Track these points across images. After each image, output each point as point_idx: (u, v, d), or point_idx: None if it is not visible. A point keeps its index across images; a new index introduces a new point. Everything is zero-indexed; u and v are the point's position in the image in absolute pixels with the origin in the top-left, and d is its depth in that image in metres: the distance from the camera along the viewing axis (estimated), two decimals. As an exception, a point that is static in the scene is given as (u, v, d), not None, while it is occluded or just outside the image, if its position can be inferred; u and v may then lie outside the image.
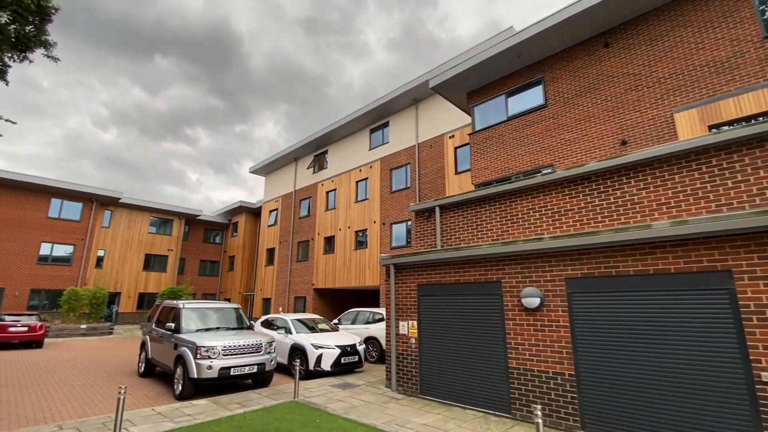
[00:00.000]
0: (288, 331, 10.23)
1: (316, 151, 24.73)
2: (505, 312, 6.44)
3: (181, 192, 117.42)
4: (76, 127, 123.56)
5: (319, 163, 24.41)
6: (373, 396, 7.35)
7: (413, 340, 7.73)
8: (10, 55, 6.88)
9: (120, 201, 25.77)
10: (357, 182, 20.98)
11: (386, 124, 20.13)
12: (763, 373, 4.13)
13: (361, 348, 10.00)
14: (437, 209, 9.21)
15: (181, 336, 7.92)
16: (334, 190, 22.46)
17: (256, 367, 7.79)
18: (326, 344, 9.41)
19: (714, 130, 8.09)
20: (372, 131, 20.93)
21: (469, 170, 15.55)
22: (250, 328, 9.23)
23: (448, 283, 7.38)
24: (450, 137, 16.60)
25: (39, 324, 14.80)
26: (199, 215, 30.33)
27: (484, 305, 6.77)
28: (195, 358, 7.26)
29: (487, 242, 8.05)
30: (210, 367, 7.20)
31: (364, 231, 19.74)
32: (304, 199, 24.97)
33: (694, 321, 4.66)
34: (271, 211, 27.96)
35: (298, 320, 10.78)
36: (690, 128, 8.50)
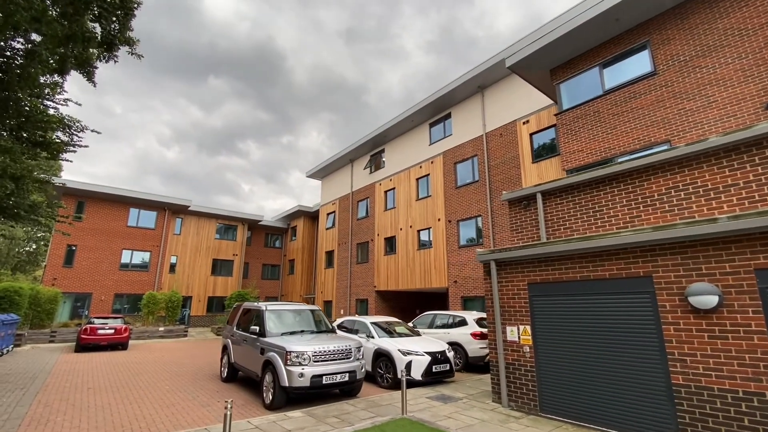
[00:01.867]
0: (369, 335, 9.51)
1: (372, 150, 24.21)
2: (661, 315, 5.15)
3: (236, 202, 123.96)
4: (144, 147, 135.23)
5: (375, 163, 23.86)
6: (485, 413, 6.34)
7: (527, 348, 6.61)
8: (96, 53, 6.80)
9: (189, 209, 26.99)
10: (417, 179, 20.08)
11: (448, 116, 19.06)
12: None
13: (450, 355, 9.02)
14: (539, 196, 8.02)
15: (268, 340, 7.44)
16: (393, 189, 21.73)
17: (347, 375, 7.10)
18: (415, 350, 8.55)
19: None
20: (432, 125, 19.96)
21: (549, 157, 14.09)
22: (333, 331, 8.61)
23: (572, 281, 6.20)
24: (524, 123, 15.19)
25: (124, 327, 15.46)
26: (260, 221, 31.09)
27: (626, 306, 5.52)
28: (285, 364, 6.70)
29: (613, 230, 6.74)
30: (302, 375, 6.60)
31: (427, 230, 18.76)
32: (361, 200, 24.53)
33: None
34: (328, 214, 27.89)
35: (377, 323, 10.04)
36: None
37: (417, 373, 8.26)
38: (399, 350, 8.51)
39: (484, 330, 10.59)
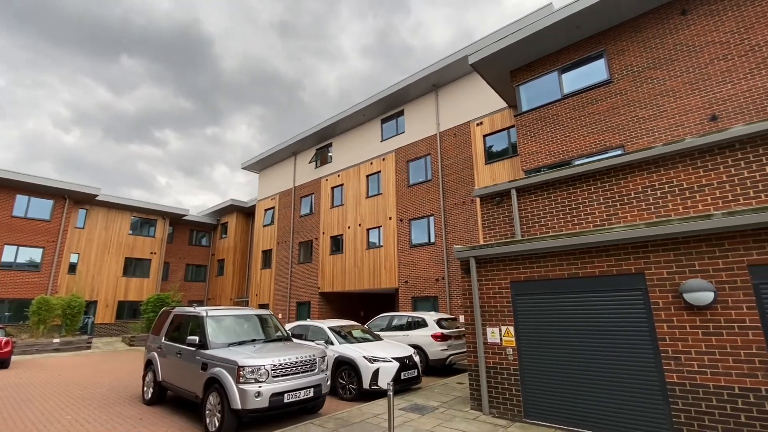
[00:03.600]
0: (328, 341, 8.52)
1: (318, 144, 22.95)
2: (654, 312, 5.06)
3: (150, 196, 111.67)
4: (35, 128, 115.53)
5: (322, 158, 22.63)
6: (469, 423, 5.80)
7: (510, 350, 6.24)
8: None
9: (97, 198, 23.04)
10: (368, 176, 19.36)
11: (400, 113, 18.67)
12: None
13: (417, 359, 8.42)
14: (514, 192, 7.79)
15: (212, 353, 6.12)
16: (341, 185, 20.75)
17: (312, 390, 6.08)
18: (382, 356, 7.78)
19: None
20: (384, 121, 19.41)
21: (501, 159, 14.33)
22: (290, 339, 7.48)
23: (558, 278, 5.95)
24: (478, 124, 15.31)
25: (5, 339, 12.34)
26: (185, 215, 27.80)
27: (617, 304, 5.37)
28: (237, 382, 5.49)
29: (589, 228, 6.68)
30: (259, 394, 5.45)
31: (377, 229, 18.13)
32: (305, 196, 23.09)
33: None
34: (266, 210, 25.87)
35: (335, 328, 9.08)
36: (801, 98, 7.45)
37: (385, 382, 7.49)
38: (364, 357, 7.68)
39: (445, 331, 10.22)
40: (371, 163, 19.27)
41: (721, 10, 8.66)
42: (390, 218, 17.51)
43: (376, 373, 7.49)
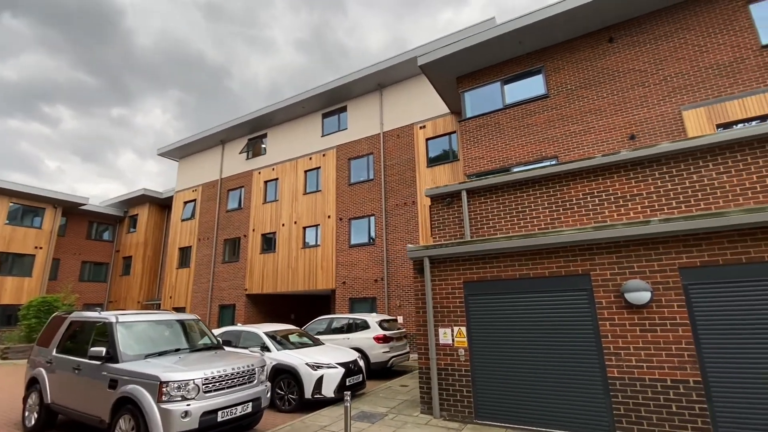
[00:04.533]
0: (264, 348, 7.72)
1: (252, 134, 21.36)
2: (598, 311, 5.35)
3: (35, 181, 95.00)
4: None
5: (255, 149, 21.09)
6: (421, 428, 5.58)
7: (462, 351, 6.18)
8: None
9: (-41, 178, 18.60)
10: (306, 172, 18.49)
11: (343, 109, 18.17)
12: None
13: (362, 364, 8.03)
14: (464, 194, 7.85)
15: (124, 367, 5.06)
16: (276, 179, 19.53)
17: (250, 404, 5.34)
18: (326, 362, 7.24)
19: (721, 129, 8.35)
20: (325, 116, 18.72)
21: (443, 163, 14.64)
22: (221, 347, 6.58)
23: (510, 279, 6.04)
24: (421, 128, 15.49)
25: None
26: (84, 204, 23.83)
27: (565, 304, 5.60)
28: (159, 401, 4.57)
29: (535, 230, 6.95)
30: (186, 414, 4.60)
31: (315, 227, 17.36)
32: (233, 189, 21.30)
33: None
34: (186, 203, 23.34)
35: (271, 333, 8.30)
36: (698, 126, 8.69)
37: (329, 390, 6.97)
38: (307, 364, 7.07)
39: (387, 332, 9.99)
40: (310, 158, 18.43)
41: (641, 42, 9.78)
42: (329, 217, 16.88)
43: (319, 380, 6.93)
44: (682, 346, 4.80)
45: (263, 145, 20.87)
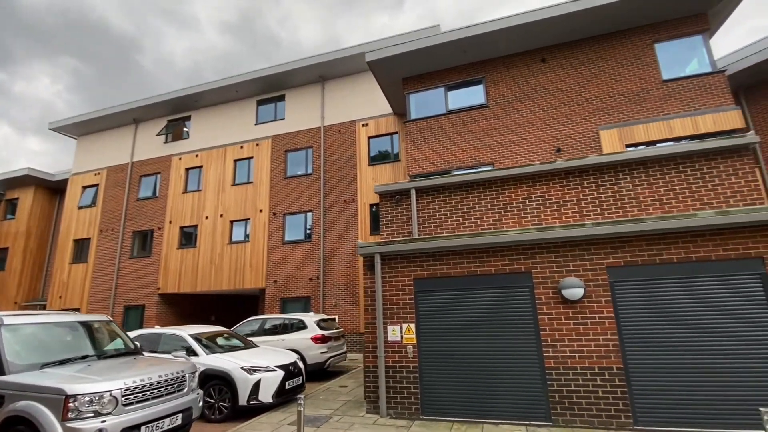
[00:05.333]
0: (191, 352, 6.89)
1: (172, 115, 19.20)
2: (538, 306, 5.74)
3: None
4: None
5: (175, 132, 18.98)
6: (370, 428, 5.43)
7: (410, 348, 6.17)
8: None
9: None
10: (236, 161, 17.15)
11: (281, 98, 17.25)
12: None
13: (302, 365, 7.61)
14: (413, 192, 7.92)
15: (14, 380, 4.08)
16: (200, 167, 17.79)
17: (180, 416, 4.67)
18: (263, 365, 6.69)
19: (631, 148, 9.65)
20: (261, 103, 17.59)
21: (384, 163, 14.70)
22: (139, 352, 5.69)
23: (459, 276, 6.20)
24: (363, 125, 15.37)
25: None
26: (-61, 182, 19.14)
27: (508, 300, 5.91)
28: (65, 418, 3.76)
29: (469, 232, 7.26)
30: (101, 433, 3.84)
31: (244, 221, 16.18)
32: (147, 175, 18.92)
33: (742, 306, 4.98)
34: (86, 188, 20.12)
35: (197, 336, 7.45)
36: (612, 144, 9.94)
37: (268, 395, 6.45)
38: (242, 368, 6.46)
39: (326, 332, 9.65)
40: (242, 147, 17.15)
41: (568, 65, 10.87)
42: (261, 211, 15.86)
43: (256, 385, 6.38)
44: (607, 337, 5.36)
45: (186, 129, 18.89)
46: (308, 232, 15.11)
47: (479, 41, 11.05)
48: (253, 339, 9.31)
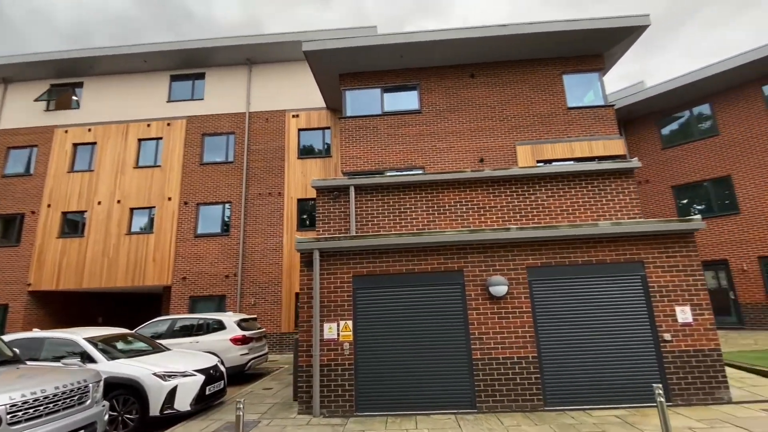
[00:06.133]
0: (87, 358, 5.87)
1: (58, 79, 16.11)
2: (468, 302, 6.19)
3: None
4: None
5: (62, 99, 15.95)
6: (304, 429, 5.25)
7: (347, 345, 6.14)
8: None
9: None
10: (141, 140, 15.09)
11: (200, 76, 15.68)
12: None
13: (224, 369, 7.03)
14: (352, 189, 7.90)
15: None
16: (93, 143, 15.24)
17: (82, 433, 3.96)
18: (180, 370, 6.00)
19: (540, 164, 10.98)
20: (176, 78, 15.75)
21: (315, 157, 14.36)
22: (20, 360, 4.67)
23: (398, 274, 6.37)
24: (294, 116, 14.79)
25: None
26: None
27: (443, 297, 6.26)
28: None
29: (409, 231, 7.55)
30: (-27, 464, 3.07)
31: (148, 209, 14.32)
32: (18, 148, 15.55)
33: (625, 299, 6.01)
34: None
35: (94, 340, 6.38)
36: (526, 159, 11.18)
37: (185, 402, 5.80)
38: (155, 374, 5.71)
39: (247, 333, 9.06)
40: (149, 125, 15.15)
41: (493, 84, 11.91)
42: (169, 199, 14.20)
43: (172, 392, 5.70)
44: (525, 329, 6.01)
45: (75, 98, 16.03)
46: (226, 224, 14.00)
47: (416, 49, 11.48)
48: (162, 342, 8.30)
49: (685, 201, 13.65)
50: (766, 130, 12.13)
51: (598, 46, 11.46)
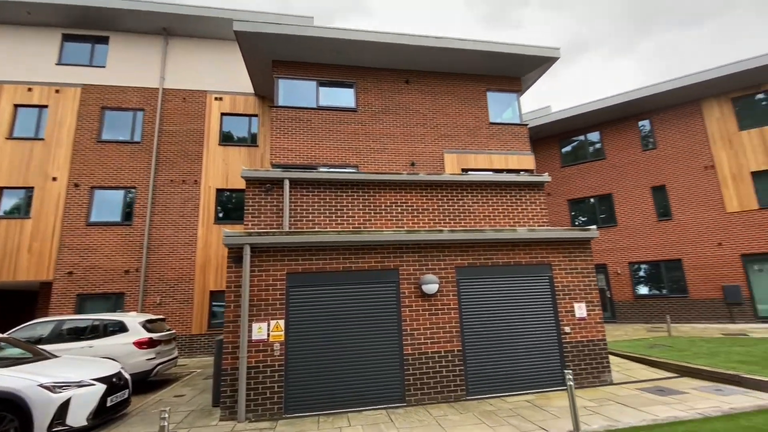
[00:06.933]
0: (-62, 371, 4.67)
1: None
2: (402, 300, 6.40)
3: None
4: None
5: None
6: (230, 437, 4.90)
7: (277, 346, 5.88)
8: None
9: None
10: (18, 106, 12.46)
11: (103, 40, 13.53)
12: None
13: (128, 376, 6.18)
14: (287, 183, 7.58)
15: None
16: (-56, 103, 12.14)
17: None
18: (74, 380, 5.12)
19: (465, 172, 11.82)
20: (69, 38, 13.35)
21: (239, 145, 13.44)
22: None
23: (335, 271, 6.31)
24: (217, 99, 13.62)
25: None
26: None
27: (378, 295, 6.38)
28: None
29: (349, 229, 7.54)
30: None
31: (24, 189, 11.90)
32: None
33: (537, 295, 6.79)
34: None
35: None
36: (452, 166, 11.94)
37: (81, 417, 4.96)
38: (42, 386, 4.79)
39: (154, 335, 8.10)
40: (30, 90, 12.59)
41: (426, 92, 12.46)
42: (55, 179, 11.99)
43: (64, 406, 4.82)
44: (452, 324, 6.43)
45: None
46: (128, 213, 12.31)
47: (353, 47, 11.45)
48: (45, 348, 6.99)
49: (575, 213, 15.91)
50: (639, 158, 14.78)
51: (517, 70, 12.75)
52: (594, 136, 15.82)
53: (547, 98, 56.46)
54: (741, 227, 12.69)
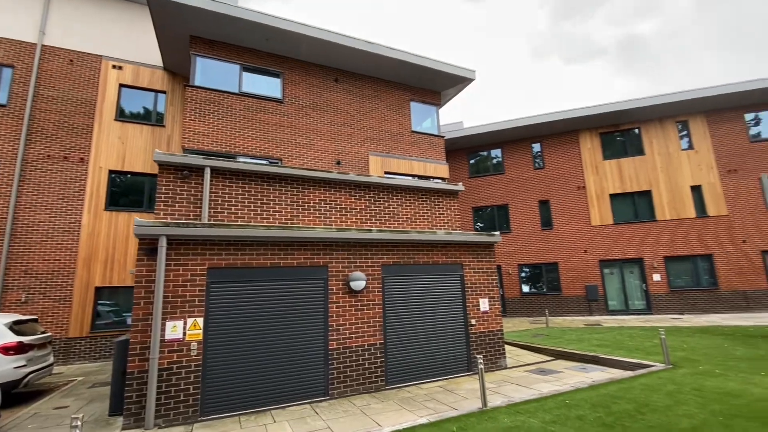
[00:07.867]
0: None
1: None
2: (330, 296, 6.52)
3: None
4: None
5: None
6: (138, 446, 4.45)
7: (194, 345, 5.49)
8: None
9: None
10: None
11: (-46, -28, 10.73)
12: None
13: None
14: (208, 171, 7.05)
15: None
16: None
17: None
18: None
19: (389, 175, 12.37)
20: None
21: (140, 123, 11.94)
22: None
23: (262, 267, 6.13)
24: (116, 67, 11.85)
25: None
26: None
27: (306, 291, 6.41)
28: None
29: (277, 225, 7.36)
30: None
31: None
32: None
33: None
34: None
35: None
36: (376, 169, 12.39)
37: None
38: None
39: (25, 339, 6.81)
40: None
41: (355, 93, 12.67)
42: None
43: None
44: (376, 319, 6.78)
45: None
46: (-16, 190, 9.99)
47: (282, 36, 11.10)
48: None
49: (476, 219, 17.78)
50: (531, 176, 17.16)
51: (438, 84, 13.78)
52: (497, 152, 17.88)
53: (487, 113, 61.46)
54: (600, 238, 15.69)
